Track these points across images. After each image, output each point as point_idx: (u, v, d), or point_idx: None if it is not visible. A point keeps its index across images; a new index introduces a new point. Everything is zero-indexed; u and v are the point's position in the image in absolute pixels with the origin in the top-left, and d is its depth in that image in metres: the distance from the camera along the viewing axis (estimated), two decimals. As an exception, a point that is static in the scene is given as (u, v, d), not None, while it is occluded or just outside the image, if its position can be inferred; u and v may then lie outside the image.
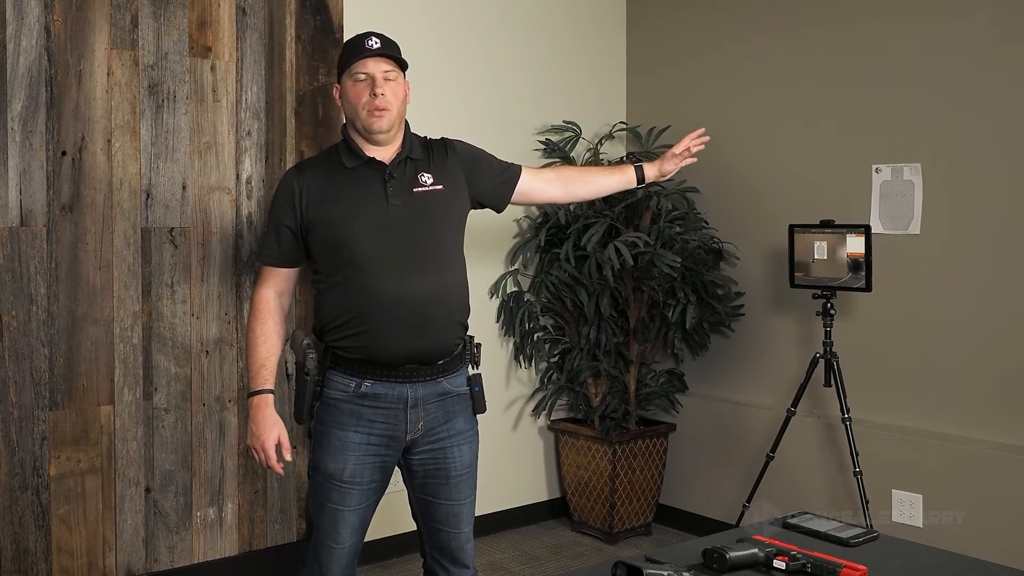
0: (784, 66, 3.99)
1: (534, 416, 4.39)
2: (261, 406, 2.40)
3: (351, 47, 2.44)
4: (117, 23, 3.22)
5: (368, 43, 2.40)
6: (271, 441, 2.39)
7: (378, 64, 2.39)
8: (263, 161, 3.54)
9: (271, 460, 2.40)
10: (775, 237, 3.91)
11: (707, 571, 1.72)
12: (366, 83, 2.39)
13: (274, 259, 2.48)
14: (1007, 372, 3.36)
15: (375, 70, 2.39)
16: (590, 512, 4.21)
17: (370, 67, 2.39)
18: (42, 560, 3.14)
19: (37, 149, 3.09)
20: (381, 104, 2.37)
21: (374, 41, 2.41)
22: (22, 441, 3.09)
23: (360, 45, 2.41)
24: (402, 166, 2.44)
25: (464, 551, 2.51)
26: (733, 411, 4.15)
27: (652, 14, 4.53)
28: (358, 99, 2.39)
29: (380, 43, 2.41)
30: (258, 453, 2.40)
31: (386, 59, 2.41)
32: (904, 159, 3.60)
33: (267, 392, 2.42)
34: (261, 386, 2.41)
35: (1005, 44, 3.35)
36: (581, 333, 4.14)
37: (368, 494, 2.42)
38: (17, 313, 3.07)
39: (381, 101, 2.37)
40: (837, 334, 3.63)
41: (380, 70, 2.39)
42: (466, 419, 2.49)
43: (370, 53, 2.38)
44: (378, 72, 2.39)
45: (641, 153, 4.29)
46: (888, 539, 1.95)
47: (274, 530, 3.61)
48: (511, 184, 2.64)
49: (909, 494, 3.55)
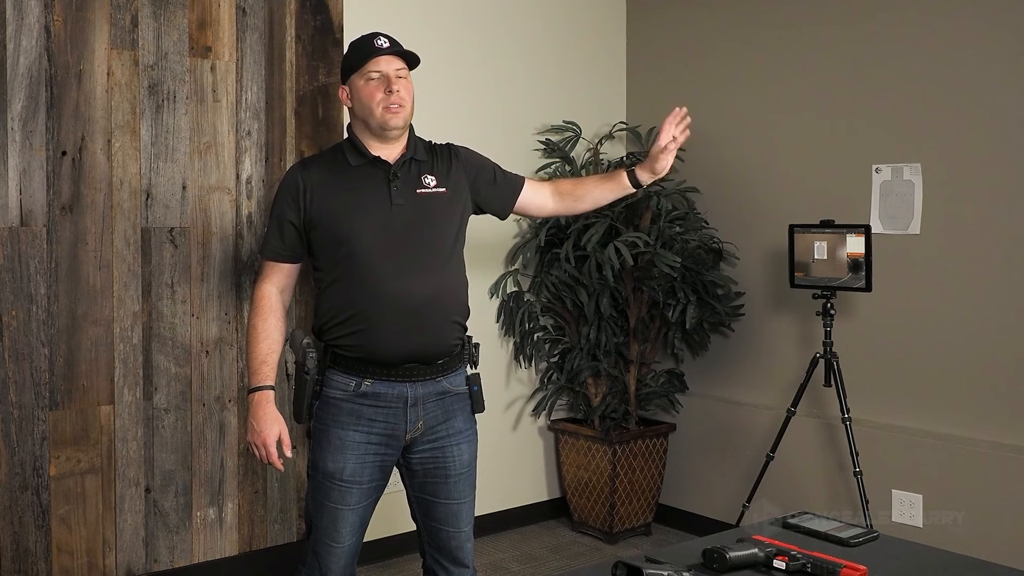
0: (784, 66, 3.99)
1: (534, 416, 4.39)
2: (262, 402, 2.41)
3: (360, 47, 2.46)
4: (117, 23, 3.22)
5: (378, 43, 2.43)
6: (272, 437, 2.39)
7: (390, 62, 2.42)
8: (263, 161, 3.54)
9: (272, 456, 2.40)
10: (775, 237, 3.91)
11: (707, 571, 1.72)
12: (380, 81, 2.41)
13: (276, 254, 2.49)
14: (1007, 372, 3.36)
15: (388, 68, 2.42)
16: (590, 512, 4.21)
17: (383, 66, 2.41)
18: (42, 560, 3.14)
19: (37, 149, 3.09)
20: (397, 100, 2.40)
21: (383, 41, 2.44)
22: (22, 441, 3.09)
23: (370, 45, 2.43)
24: (407, 167, 2.45)
25: (464, 550, 2.51)
26: (733, 411, 4.15)
27: (652, 14, 4.53)
28: (372, 98, 2.41)
29: (389, 42, 2.45)
30: (259, 449, 2.41)
31: (397, 57, 2.44)
32: (904, 159, 3.60)
33: (268, 388, 2.42)
34: (262, 382, 2.42)
35: (1005, 44, 3.35)
36: (581, 333, 4.14)
37: (368, 493, 2.42)
38: (17, 313, 3.08)
39: (397, 98, 2.40)
40: (837, 334, 3.63)
41: (393, 68, 2.42)
42: (465, 418, 2.50)
43: (382, 52, 2.42)
44: (391, 70, 2.42)
45: (641, 153, 4.29)
46: (888, 539, 1.95)
47: (274, 530, 3.61)
48: (515, 193, 2.65)
49: (909, 494, 3.54)
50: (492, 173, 2.62)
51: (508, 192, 2.63)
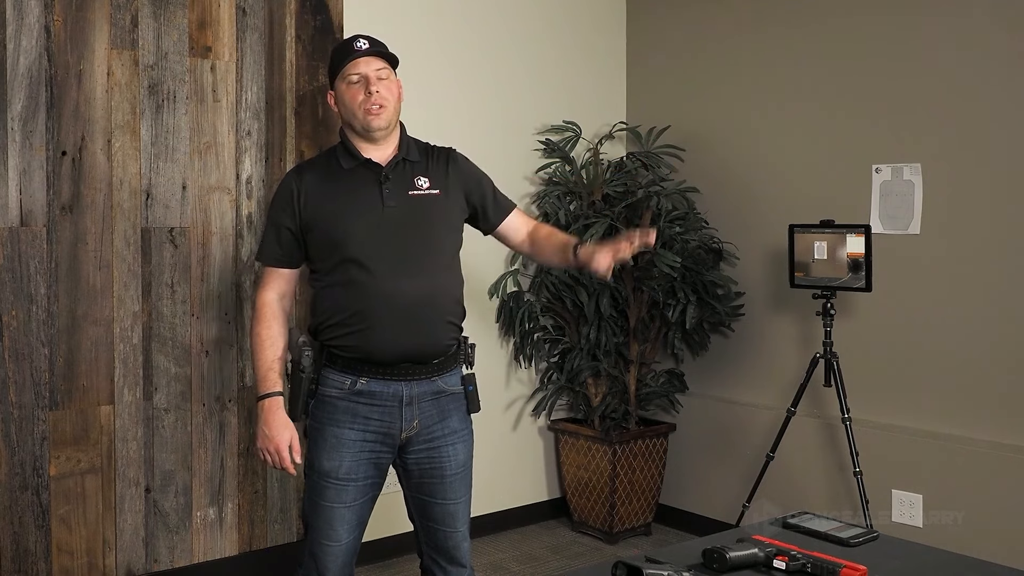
0: (784, 66, 3.99)
1: (534, 416, 4.39)
2: (272, 409, 2.42)
3: (340, 51, 2.48)
4: (117, 23, 3.22)
5: (357, 45, 2.44)
6: (284, 443, 2.41)
7: (369, 63, 2.43)
8: (263, 161, 3.54)
9: (285, 462, 2.41)
10: (775, 237, 3.91)
11: (707, 571, 1.72)
12: (360, 84, 2.43)
13: (275, 260, 2.51)
14: (1007, 372, 3.35)
15: (367, 70, 2.43)
16: (590, 512, 4.21)
17: (362, 67, 2.43)
18: (42, 560, 3.14)
19: (37, 149, 3.09)
20: (377, 101, 2.41)
21: (362, 43, 2.45)
22: (22, 441, 3.09)
23: (349, 48, 2.45)
24: (398, 168, 2.47)
25: (461, 549, 2.52)
26: (733, 411, 4.15)
27: (652, 14, 4.53)
28: (354, 100, 2.43)
29: (368, 43, 2.45)
30: (271, 456, 2.42)
31: (377, 57, 2.44)
32: (904, 159, 3.60)
33: (276, 395, 2.43)
34: (270, 389, 2.42)
35: (1006, 43, 3.35)
36: (581, 333, 4.14)
37: (364, 490, 2.43)
38: (17, 313, 3.08)
39: (377, 98, 2.41)
40: (837, 334, 3.63)
41: (372, 69, 2.43)
42: (460, 418, 2.51)
43: (360, 53, 2.43)
44: (371, 71, 2.43)
45: (641, 153, 4.29)
46: (888, 539, 1.95)
47: (274, 530, 3.61)
48: (502, 215, 2.64)
49: (909, 494, 3.54)
50: (487, 188, 2.62)
51: (496, 212, 2.63)
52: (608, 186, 4.15)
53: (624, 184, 4.16)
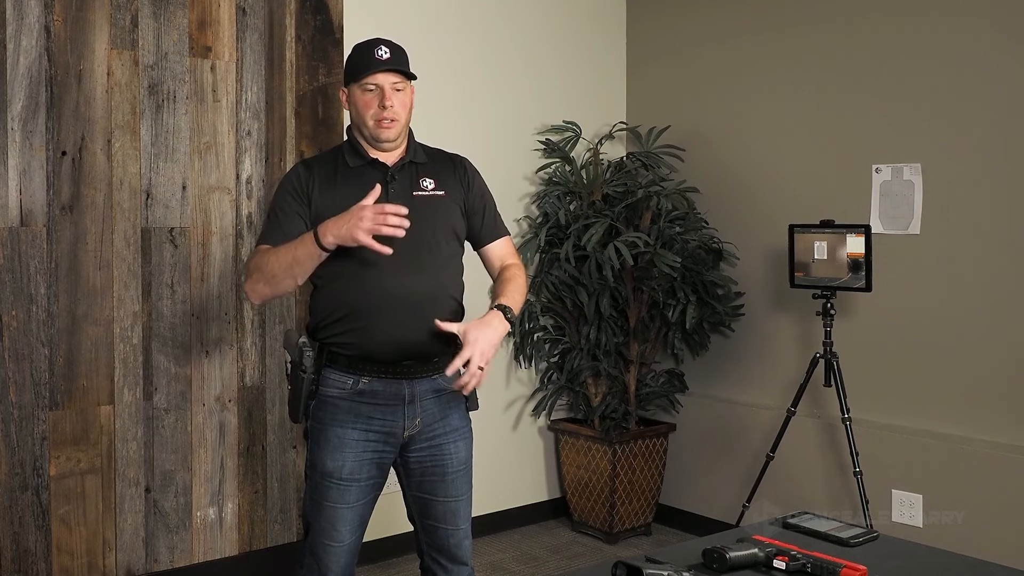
0: (784, 66, 3.99)
1: (534, 416, 4.39)
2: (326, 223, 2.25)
3: (360, 56, 2.44)
4: (117, 23, 3.22)
5: (378, 53, 2.40)
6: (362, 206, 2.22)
7: (387, 76, 2.41)
8: (263, 161, 3.54)
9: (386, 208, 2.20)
10: (775, 237, 3.91)
11: (707, 571, 1.72)
12: (375, 94, 2.41)
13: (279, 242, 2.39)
14: (1007, 372, 3.36)
15: (384, 82, 2.40)
16: (590, 512, 4.21)
17: (380, 79, 2.40)
18: (42, 560, 3.14)
19: (37, 149, 3.09)
20: (390, 115, 2.39)
21: (384, 51, 2.41)
22: (22, 441, 3.09)
23: (370, 55, 2.41)
24: (405, 169, 2.47)
25: (462, 548, 2.52)
26: (733, 411, 4.15)
27: (652, 14, 4.53)
28: (367, 109, 2.41)
29: (390, 54, 2.41)
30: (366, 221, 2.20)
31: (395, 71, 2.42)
32: (904, 159, 3.60)
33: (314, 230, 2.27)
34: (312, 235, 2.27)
35: (1006, 44, 3.35)
36: (581, 333, 4.14)
37: (366, 490, 2.43)
38: (17, 313, 3.07)
39: (390, 112, 2.39)
40: (837, 334, 3.63)
41: (389, 82, 2.41)
42: (460, 416, 2.52)
43: (380, 66, 2.39)
44: (387, 84, 2.41)
45: (641, 153, 4.29)
46: (888, 539, 1.95)
47: (274, 530, 3.61)
48: (492, 237, 2.62)
49: (909, 494, 3.54)
50: (488, 206, 2.61)
51: (488, 232, 2.62)
52: (608, 186, 4.15)
53: (624, 184, 4.16)
